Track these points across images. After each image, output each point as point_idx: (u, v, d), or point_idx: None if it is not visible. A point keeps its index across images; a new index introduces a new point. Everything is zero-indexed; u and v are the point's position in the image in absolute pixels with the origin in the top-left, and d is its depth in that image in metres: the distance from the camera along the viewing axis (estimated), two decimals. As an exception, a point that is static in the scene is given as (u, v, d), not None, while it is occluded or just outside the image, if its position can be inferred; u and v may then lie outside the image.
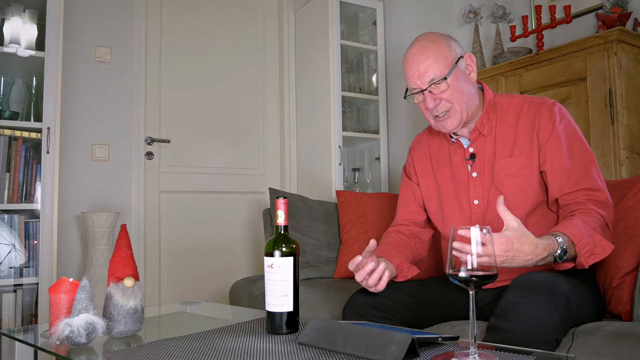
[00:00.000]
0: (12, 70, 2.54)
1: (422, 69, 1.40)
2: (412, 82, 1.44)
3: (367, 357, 0.93)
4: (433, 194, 1.59)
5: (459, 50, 1.45)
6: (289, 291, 1.18)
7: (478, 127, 1.47)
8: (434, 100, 1.41)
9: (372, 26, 3.24)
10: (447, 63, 1.40)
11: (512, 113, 1.46)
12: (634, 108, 2.11)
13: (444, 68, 1.39)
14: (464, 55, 1.45)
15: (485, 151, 1.47)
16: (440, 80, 1.39)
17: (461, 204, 1.49)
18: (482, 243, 0.92)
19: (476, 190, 1.47)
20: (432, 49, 1.41)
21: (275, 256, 1.18)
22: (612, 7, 2.23)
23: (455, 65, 1.40)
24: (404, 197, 1.68)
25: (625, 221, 1.40)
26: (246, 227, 3.33)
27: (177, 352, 1.03)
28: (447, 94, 1.40)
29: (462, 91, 1.41)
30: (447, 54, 1.40)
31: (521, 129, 1.43)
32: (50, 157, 2.32)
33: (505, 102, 1.49)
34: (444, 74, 1.39)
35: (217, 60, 3.31)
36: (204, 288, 3.13)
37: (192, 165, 3.19)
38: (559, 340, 1.14)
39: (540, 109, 1.42)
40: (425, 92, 1.41)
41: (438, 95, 1.41)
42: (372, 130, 3.20)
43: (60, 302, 1.19)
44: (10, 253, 2.25)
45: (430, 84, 1.40)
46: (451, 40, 1.45)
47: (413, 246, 1.59)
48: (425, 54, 1.40)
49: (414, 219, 1.64)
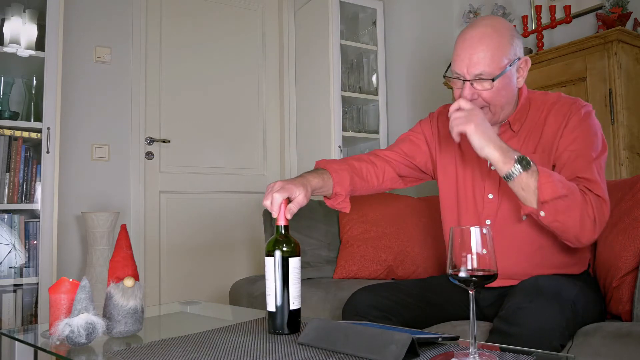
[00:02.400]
0: (12, 70, 2.54)
1: (475, 59, 1.28)
2: (459, 67, 1.32)
3: (367, 357, 0.93)
4: (451, 183, 1.52)
5: (519, 51, 1.34)
6: (296, 289, 1.17)
7: (510, 121, 1.40)
8: (472, 94, 1.31)
9: (372, 26, 3.24)
10: (502, 63, 1.29)
11: (543, 110, 1.39)
12: (634, 108, 2.11)
13: (496, 67, 1.28)
14: (521, 58, 1.35)
15: (512, 146, 1.41)
16: (489, 79, 1.29)
17: (476, 197, 1.44)
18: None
19: (493, 185, 1.41)
20: (493, 42, 1.29)
21: (276, 256, 1.16)
22: (612, 7, 2.23)
23: (509, 67, 1.30)
24: (406, 146, 1.59)
25: (625, 221, 1.40)
26: (246, 227, 3.33)
27: (177, 352, 1.03)
28: (489, 93, 1.31)
29: (504, 95, 1.33)
30: (506, 52, 1.29)
31: (548, 126, 1.36)
32: (50, 157, 2.32)
33: (540, 99, 1.42)
34: (495, 73, 1.28)
35: (217, 61, 3.31)
36: (204, 288, 3.13)
37: (192, 165, 3.19)
38: (564, 345, 1.14)
39: (572, 108, 1.35)
40: (467, 83, 1.31)
41: (479, 90, 1.31)
42: (372, 130, 3.20)
43: (60, 302, 1.19)
44: (10, 253, 2.25)
45: (476, 77, 1.29)
46: (516, 37, 1.33)
47: (370, 183, 1.53)
48: (484, 44, 1.28)
49: (397, 164, 1.57)
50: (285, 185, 1.26)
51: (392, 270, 2.15)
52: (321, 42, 3.13)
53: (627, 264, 1.35)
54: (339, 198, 1.46)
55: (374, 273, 2.15)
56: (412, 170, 1.60)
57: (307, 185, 1.33)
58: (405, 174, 1.60)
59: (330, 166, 1.46)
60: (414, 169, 1.60)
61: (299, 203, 1.27)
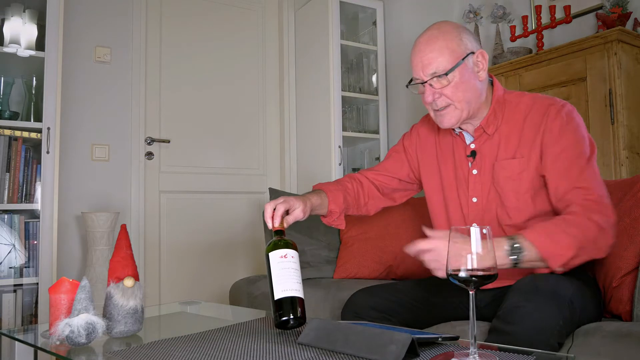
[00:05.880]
0: (12, 70, 2.54)
1: (425, 60, 1.34)
2: (415, 72, 1.38)
3: (367, 357, 0.93)
4: (436, 186, 1.54)
5: (471, 45, 1.37)
6: (301, 281, 1.20)
7: (483, 125, 1.41)
8: (433, 94, 1.35)
9: (372, 26, 3.24)
10: (454, 57, 1.33)
11: (520, 112, 1.39)
12: (634, 108, 2.11)
13: (448, 62, 1.32)
14: (475, 51, 1.37)
15: (487, 150, 1.41)
16: (443, 74, 1.33)
17: (460, 200, 1.46)
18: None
19: (475, 188, 1.42)
20: (440, 41, 1.34)
21: (286, 248, 1.21)
22: (612, 7, 2.23)
23: (461, 61, 1.33)
24: (389, 163, 1.66)
25: (625, 221, 1.40)
26: (246, 227, 3.33)
27: (177, 352, 1.03)
28: (449, 90, 1.34)
29: (465, 89, 1.34)
30: (454, 48, 1.33)
31: (527, 130, 1.36)
32: (50, 157, 2.32)
33: (515, 101, 1.42)
34: (448, 68, 1.32)
35: (217, 61, 3.31)
36: (204, 288, 3.13)
37: (192, 165, 3.19)
38: (561, 343, 1.14)
39: (549, 110, 1.34)
40: (426, 84, 1.36)
41: (439, 89, 1.34)
42: (372, 130, 3.20)
43: (60, 302, 1.19)
44: (10, 253, 2.25)
45: (431, 77, 1.34)
46: (464, 34, 1.37)
47: (359, 202, 1.61)
48: (432, 45, 1.34)
49: (381, 184, 1.64)
50: (287, 199, 1.38)
51: (392, 270, 2.15)
52: (321, 42, 3.13)
53: (627, 264, 1.35)
54: (334, 215, 1.55)
55: (374, 273, 2.15)
56: (399, 184, 1.66)
57: (307, 201, 1.43)
58: (393, 191, 1.66)
59: (326, 187, 1.57)
60: (400, 183, 1.66)
61: (295, 216, 1.38)
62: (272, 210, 1.34)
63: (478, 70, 1.37)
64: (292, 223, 1.37)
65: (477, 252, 0.90)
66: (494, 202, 1.39)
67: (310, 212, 1.45)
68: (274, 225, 1.31)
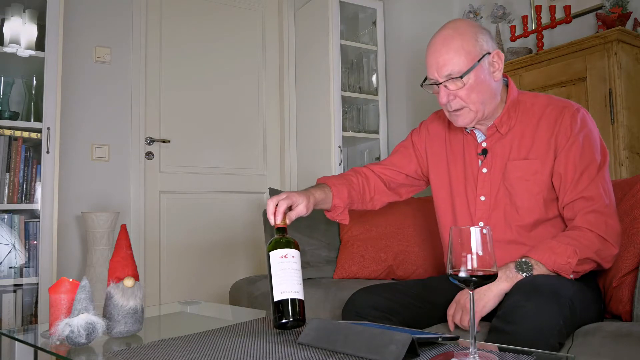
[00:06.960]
0: (12, 70, 2.54)
1: (441, 61, 1.32)
2: (430, 72, 1.36)
3: (367, 357, 0.93)
4: (444, 183, 1.54)
5: (487, 45, 1.35)
6: (301, 282, 1.19)
7: (496, 124, 1.41)
8: (447, 95, 1.35)
9: (372, 26, 3.24)
10: (469, 59, 1.31)
11: (534, 114, 1.39)
12: (634, 108, 2.11)
13: (464, 64, 1.31)
14: (491, 52, 1.35)
15: (499, 149, 1.42)
16: (458, 77, 1.31)
17: (468, 198, 1.46)
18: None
19: (484, 187, 1.42)
20: (456, 41, 1.32)
21: (286, 247, 1.19)
22: (612, 7, 2.23)
23: (477, 63, 1.31)
24: (396, 158, 1.65)
25: (625, 221, 1.40)
26: (246, 227, 3.33)
27: (177, 352, 1.03)
28: (463, 92, 1.33)
29: (480, 91, 1.34)
30: (471, 49, 1.31)
31: (541, 132, 1.36)
32: (50, 157, 2.32)
33: (529, 102, 1.41)
34: (463, 70, 1.31)
35: (217, 60, 3.31)
36: (204, 288, 3.13)
37: (192, 165, 3.19)
38: (562, 343, 1.14)
39: (563, 113, 1.35)
40: (440, 86, 1.35)
41: (453, 91, 1.34)
42: (372, 130, 3.20)
43: (60, 302, 1.19)
44: (10, 253, 2.25)
45: (446, 78, 1.33)
46: (481, 34, 1.35)
47: (364, 197, 1.60)
48: (448, 45, 1.32)
49: (388, 179, 1.63)
50: (289, 195, 1.35)
51: (392, 270, 2.15)
52: (321, 42, 3.13)
53: (627, 264, 1.35)
54: (338, 210, 1.54)
55: (374, 273, 2.15)
56: (406, 179, 1.65)
57: (310, 197, 1.41)
58: (400, 186, 1.66)
59: (330, 181, 1.54)
60: (407, 179, 1.65)
61: (298, 212, 1.36)
62: (274, 206, 1.31)
63: (494, 70, 1.37)
64: (294, 219, 1.35)
65: (477, 252, 0.90)
66: (503, 201, 1.39)
67: (314, 207, 1.44)
68: (275, 222, 1.29)
